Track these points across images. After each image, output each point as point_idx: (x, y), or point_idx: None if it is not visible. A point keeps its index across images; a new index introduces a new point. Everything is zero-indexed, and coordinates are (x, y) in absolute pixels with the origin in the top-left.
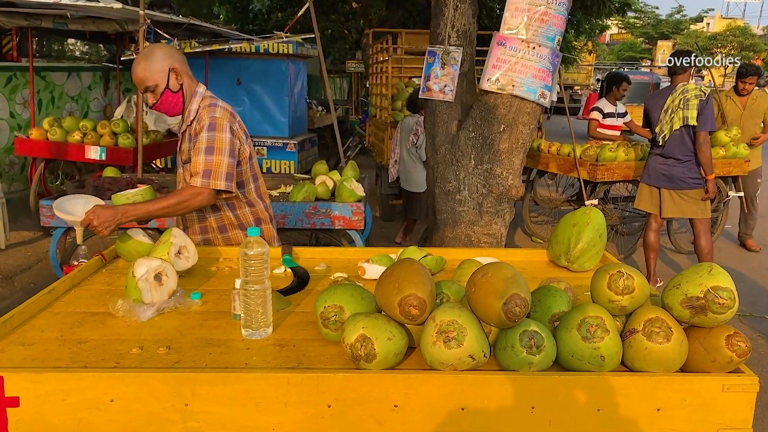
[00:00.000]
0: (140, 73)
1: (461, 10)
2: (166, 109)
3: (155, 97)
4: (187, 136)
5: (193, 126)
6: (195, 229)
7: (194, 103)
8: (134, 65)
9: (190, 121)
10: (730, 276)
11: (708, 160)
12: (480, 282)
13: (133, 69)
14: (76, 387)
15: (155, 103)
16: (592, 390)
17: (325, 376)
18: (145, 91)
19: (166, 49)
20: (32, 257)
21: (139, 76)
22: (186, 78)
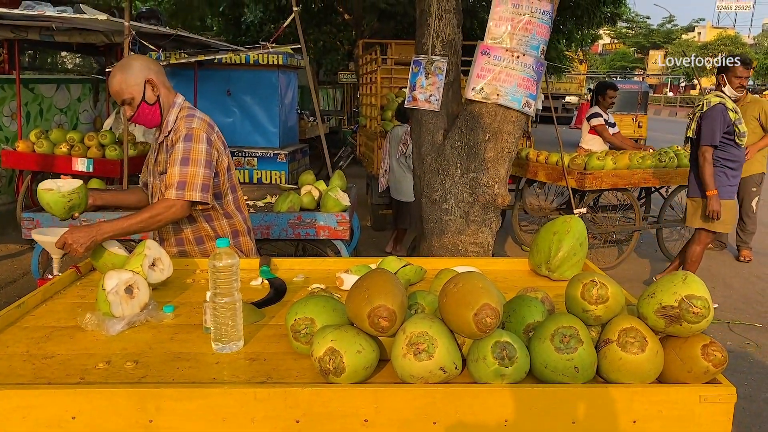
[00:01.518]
0: (116, 86)
1: (446, 20)
2: (143, 121)
3: (132, 110)
4: (164, 147)
5: (170, 137)
6: (171, 242)
7: (172, 114)
8: (110, 78)
9: (167, 131)
10: (704, 285)
11: (705, 175)
12: (451, 292)
13: (110, 81)
14: (37, 404)
15: (132, 116)
16: (566, 402)
17: (292, 390)
18: (123, 104)
19: (142, 60)
20: (18, 270)
21: (115, 89)
22: (163, 89)
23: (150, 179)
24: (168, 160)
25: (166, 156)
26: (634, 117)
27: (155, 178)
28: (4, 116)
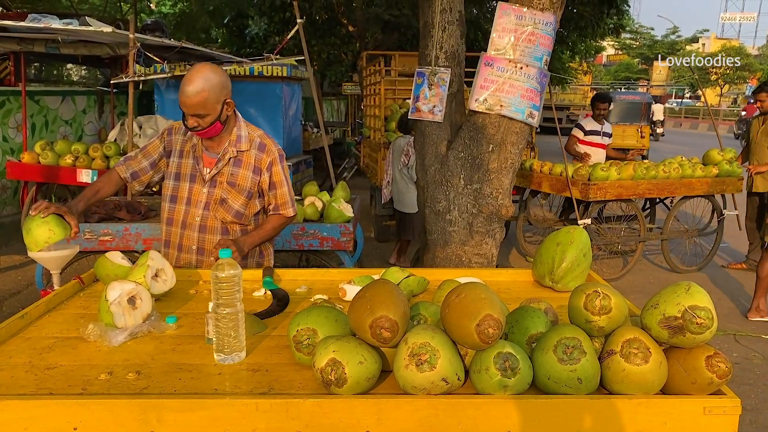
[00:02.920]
0: (197, 98)
1: (449, 32)
2: (204, 134)
3: (199, 124)
4: (234, 161)
5: (249, 153)
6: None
7: (242, 129)
8: (190, 86)
9: (239, 146)
10: (708, 295)
11: None
12: (454, 303)
13: (189, 91)
14: (38, 415)
15: (197, 129)
16: (569, 414)
17: (294, 401)
18: (192, 115)
19: (221, 76)
20: (22, 282)
21: (194, 101)
22: (232, 105)
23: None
24: (254, 178)
25: (249, 173)
26: (638, 128)
27: (205, 186)
28: (9, 128)
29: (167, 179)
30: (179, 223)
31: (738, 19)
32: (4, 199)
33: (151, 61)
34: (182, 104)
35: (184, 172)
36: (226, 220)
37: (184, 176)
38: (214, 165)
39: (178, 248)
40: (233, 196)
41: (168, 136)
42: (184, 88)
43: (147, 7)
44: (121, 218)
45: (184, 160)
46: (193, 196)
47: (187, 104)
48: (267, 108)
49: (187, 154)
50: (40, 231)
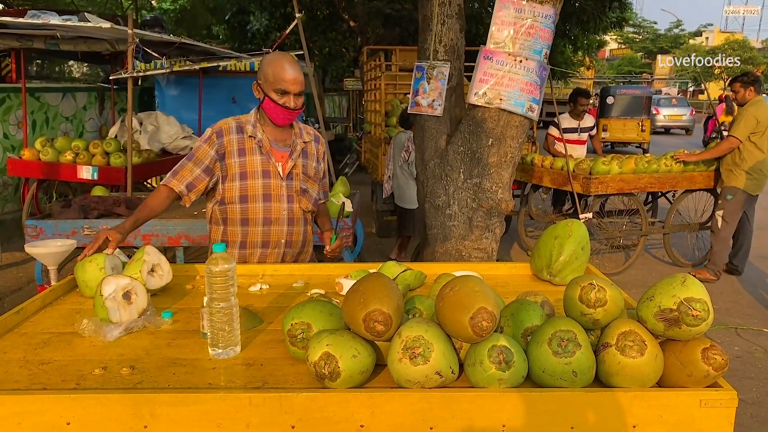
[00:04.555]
0: (300, 77)
1: (448, 25)
2: (293, 117)
3: (297, 104)
4: (303, 153)
5: (310, 144)
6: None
7: (297, 121)
8: (292, 67)
9: (303, 137)
10: (704, 287)
11: None
12: (447, 296)
13: (294, 71)
14: (32, 410)
15: (295, 109)
16: (564, 407)
17: (287, 395)
18: (296, 94)
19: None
20: (23, 278)
21: (298, 80)
22: None
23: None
24: (312, 167)
25: (305, 161)
26: (639, 122)
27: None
28: (10, 125)
29: (229, 181)
30: (260, 221)
31: (742, 13)
32: (5, 196)
33: (150, 57)
34: (286, 86)
35: (252, 169)
36: (307, 210)
37: (254, 174)
38: (288, 158)
39: (263, 245)
40: (311, 186)
41: (218, 139)
42: (286, 69)
43: (148, 4)
44: (120, 214)
45: (249, 158)
46: (273, 191)
47: (293, 83)
48: None
49: (250, 152)
50: (94, 274)
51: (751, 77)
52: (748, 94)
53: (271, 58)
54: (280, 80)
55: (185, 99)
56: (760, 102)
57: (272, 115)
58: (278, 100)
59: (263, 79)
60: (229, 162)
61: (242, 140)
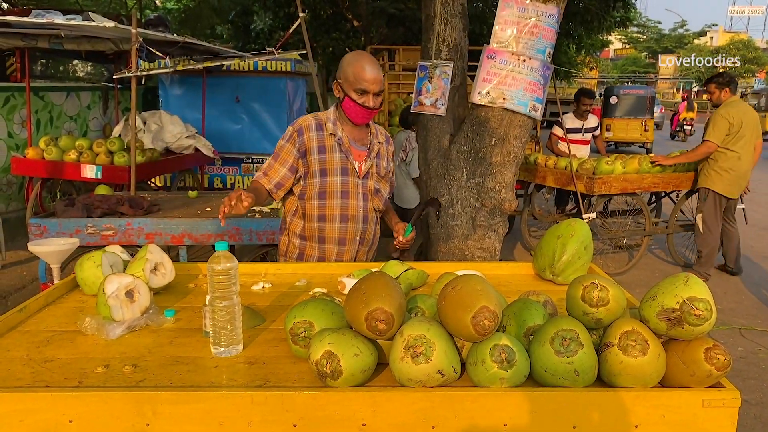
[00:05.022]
0: (379, 75)
1: (452, 25)
2: (374, 115)
3: (376, 103)
4: (378, 153)
5: (383, 144)
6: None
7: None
8: (372, 66)
9: (379, 137)
10: (707, 287)
11: None
12: (449, 295)
13: (373, 69)
14: (34, 408)
15: (374, 108)
16: (566, 406)
17: (289, 394)
18: (375, 93)
19: None
20: (27, 277)
21: (378, 78)
22: None
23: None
24: (387, 168)
25: (385, 163)
26: (642, 122)
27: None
28: (14, 124)
29: (310, 177)
30: (337, 218)
31: (746, 13)
32: (10, 195)
33: (154, 56)
34: (366, 86)
35: (332, 167)
36: (378, 209)
37: (333, 171)
38: (366, 157)
39: (340, 242)
40: (383, 186)
41: (299, 137)
42: (366, 69)
43: (152, 3)
44: (123, 213)
45: (329, 155)
46: (350, 189)
47: (373, 82)
48: (271, 103)
49: (330, 149)
50: (91, 272)
51: (726, 78)
52: (723, 95)
53: (351, 58)
54: (361, 80)
55: (189, 98)
56: (734, 103)
57: (351, 114)
58: (358, 99)
59: (343, 78)
60: (310, 159)
61: (322, 137)
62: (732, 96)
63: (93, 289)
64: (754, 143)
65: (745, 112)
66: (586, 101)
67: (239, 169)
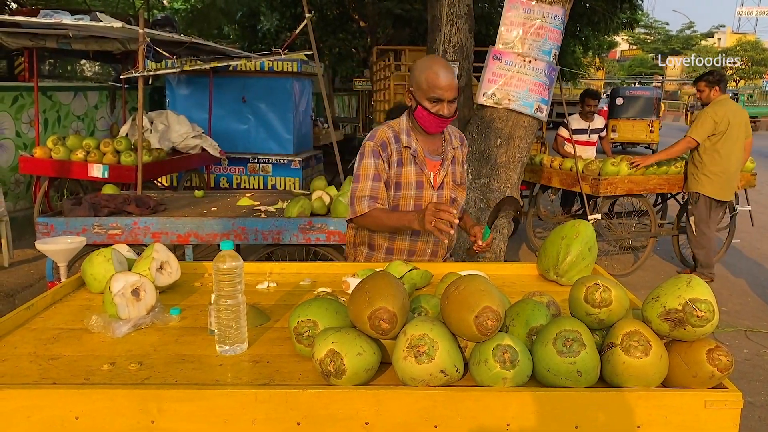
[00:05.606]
0: (454, 82)
1: (457, 26)
2: (449, 123)
3: (451, 111)
4: (452, 159)
5: (458, 150)
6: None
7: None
8: (447, 72)
9: (453, 143)
10: (709, 288)
11: None
12: (453, 295)
13: (449, 76)
14: (41, 404)
15: (449, 117)
16: (569, 406)
17: (293, 392)
18: (449, 101)
19: None
20: (34, 275)
21: (453, 86)
22: None
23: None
24: (462, 171)
25: (460, 168)
26: (648, 123)
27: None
28: (22, 123)
29: (386, 190)
30: (407, 232)
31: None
32: (17, 194)
33: (161, 56)
34: (441, 93)
35: (407, 180)
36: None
37: (407, 185)
38: (440, 168)
39: (409, 254)
40: (460, 194)
41: (384, 151)
42: (440, 75)
43: (159, 3)
44: (130, 212)
45: (405, 169)
46: (424, 203)
47: (447, 89)
48: (277, 103)
49: (406, 162)
50: (103, 266)
51: (716, 76)
52: (713, 94)
53: (424, 64)
54: (434, 87)
55: (196, 98)
56: (723, 102)
57: (425, 124)
58: (431, 108)
59: (415, 86)
60: (390, 173)
61: (399, 150)
62: (721, 95)
63: (102, 285)
64: (744, 143)
65: (734, 112)
66: (591, 102)
67: (245, 168)
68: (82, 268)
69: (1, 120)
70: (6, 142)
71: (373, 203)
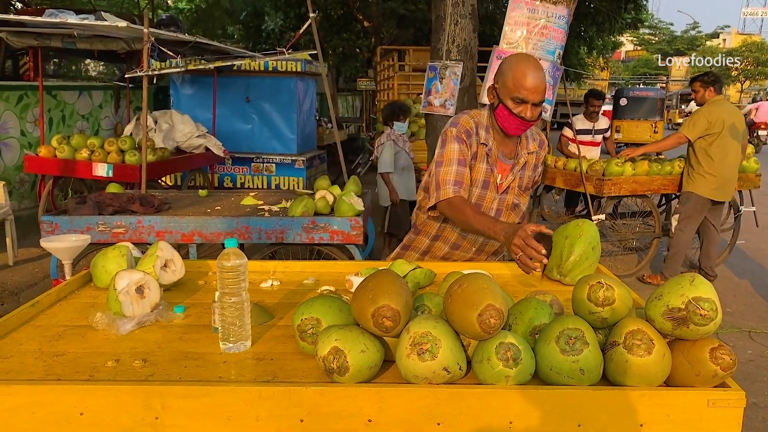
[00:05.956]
0: (542, 84)
1: (461, 25)
2: (530, 127)
3: (534, 114)
4: (524, 165)
5: (535, 154)
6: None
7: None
8: (536, 72)
9: (529, 147)
10: (712, 287)
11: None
12: (456, 293)
13: (537, 77)
14: (46, 400)
15: (531, 120)
16: (571, 404)
17: (297, 389)
18: (534, 103)
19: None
20: (39, 274)
21: (540, 87)
22: None
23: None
24: (532, 175)
25: (530, 172)
26: (652, 123)
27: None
28: (27, 122)
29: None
30: (461, 248)
31: (760, 14)
32: (22, 193)
33: (165, 56)
34: (526, 94)
35: (476, 177)
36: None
37: (475, 182)
38: (509, 172)
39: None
40: (523, 200)
41: (468, 139)
42: (528, 74)
43: (164, 3)
44: (134, 211)
45: (477, 165)
46: (485, 203)
47: (533, 91)
48: (281, 103)
49: (480, 158)
50: (116, 260)
51: (711, 77)
52: (707, 94)
53: (512, 61)
54: (520, 87)
55: (200, 98)
56: (718, 102)
57: (504, 124)
58: (513, 108)
59: (501, 83)
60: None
61: (477, 144)
62: (716, 95)
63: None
64: (742, 143)
65: (729, 113)
66: (595, 102)
67: (249, 168)
68: (94, 261)
69: (6, 119)
70: (11, 141)
71: (459, 189)
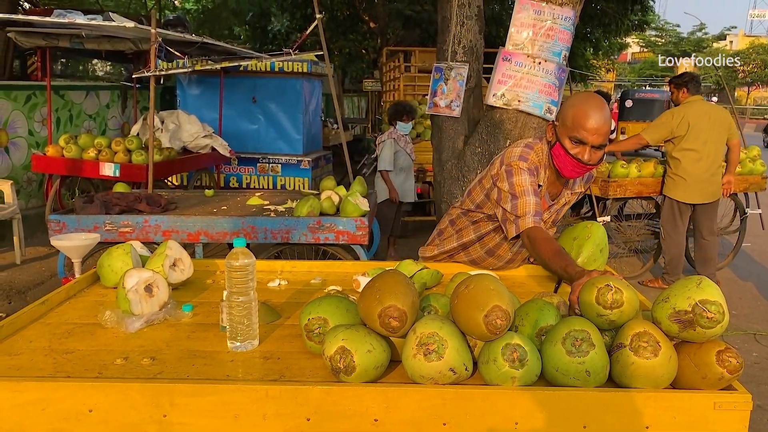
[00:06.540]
0: (606, 127)
1: (467, 27)
2: (587, 171)
3: (593, 158)
4: (564, 204)
5: (575, 195)
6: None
7: None
8: (601, 113)
9: (575, 188)
10: (719, 290)
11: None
12: (462, 294)
13: (602, 119)
14: (55, 397)
15: (589, 164)
16: (577, 406)
17: (303, 388)
18: (595, 147)
19: None
20: (46, 272)
21: (604, 131)
22: None
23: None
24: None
25: (565, 208)
26: None
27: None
28: (35, 122)
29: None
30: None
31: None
32: (29, 192)
33: (172, 56)
34: (585, 135)
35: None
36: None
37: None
38: (547, 210)
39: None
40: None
41: (536, 175)
42: (590, 114)
43: (171, 4)
44: (141, 210)
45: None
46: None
47: (594, 133)
48: (287, 103)
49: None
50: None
51: (685, 78)
52: (681, 95)
53: (576, 99)
54: (579, 127)
55: (206, 98)
56: (689, 104)
57: (560, 165)
58: (570, 149)
59: (560, 121)
60: None
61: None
62: (691, 96)
63: (119, 278)
64: (725, 144)
65: (700, 114)
66: None
67: (255, 168)
68: (100, 261)
69: (14, 119)
70: (19, 140)
71: (539, 220)
